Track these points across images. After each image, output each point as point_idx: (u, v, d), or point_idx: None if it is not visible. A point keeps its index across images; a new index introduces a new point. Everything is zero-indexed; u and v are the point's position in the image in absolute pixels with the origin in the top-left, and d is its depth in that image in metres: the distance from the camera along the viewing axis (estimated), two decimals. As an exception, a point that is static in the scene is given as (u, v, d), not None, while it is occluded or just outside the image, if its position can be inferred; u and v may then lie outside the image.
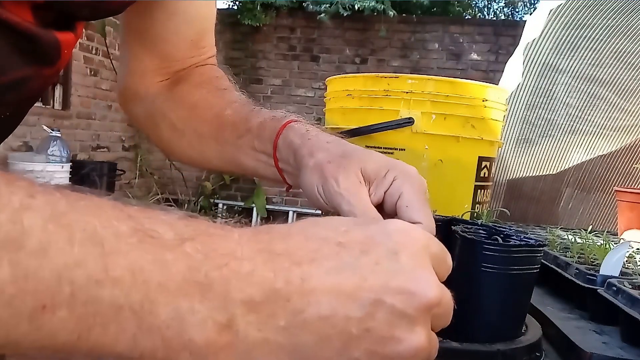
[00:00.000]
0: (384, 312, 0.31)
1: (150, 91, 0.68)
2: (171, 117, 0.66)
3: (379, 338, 0.31)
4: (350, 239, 0.33)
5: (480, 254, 0.55)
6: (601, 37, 1.55)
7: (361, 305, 0.31)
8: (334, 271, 0.31)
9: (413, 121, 0.89)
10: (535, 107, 1.66)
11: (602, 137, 1.70)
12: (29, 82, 0.52)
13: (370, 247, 0.33)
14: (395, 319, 0.31)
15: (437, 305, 0.33)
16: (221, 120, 0.62)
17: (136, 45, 0.68)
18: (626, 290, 0.64)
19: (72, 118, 4.89)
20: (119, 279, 0.27)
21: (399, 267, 0.32)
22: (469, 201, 0.94)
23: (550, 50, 1.58)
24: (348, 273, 0.31)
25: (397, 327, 0.31)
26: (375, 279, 0.31)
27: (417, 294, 0.32)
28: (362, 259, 0.32)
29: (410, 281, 0.32)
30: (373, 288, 0.31)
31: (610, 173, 1.76)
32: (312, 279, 0.31)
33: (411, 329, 0.32)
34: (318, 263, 0.31)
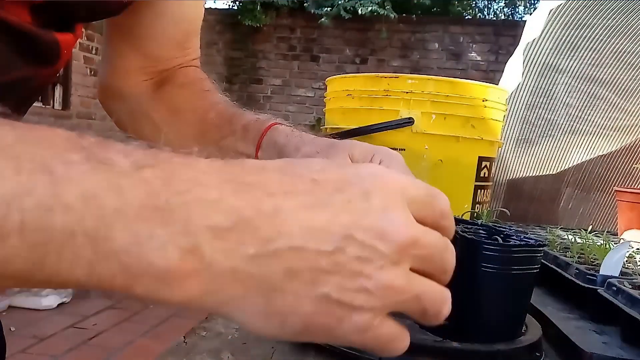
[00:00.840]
0: (354, 247, 0.31)
1: (135, 90, 0.68)
2: (154, 117, 0.67)
3: (348, 273, 0.31)
4: (325, 177, 0.33)
5: (480, 254, 0.55)
6: (601, 37, 1.55)
7: (332, 240, 0.31)
8: (307, 205, 0.31)
9: (413, 121, 0.89)
10: (535, 107, 1.66)
11: (602, 137, 1.70)
12: (28, 82, 0.52)
13: (343, 186, 0.33)
14: (365, 255, 0.31)
15: (413, 245, 0.32)
16: (204, 123, 0.62)
17: (121, 43, 0.68)
18: (626, 290, 0.64)
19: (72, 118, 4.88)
20: (71, 205, 0.27)
21: (370, 207, 0.32)
22: (469, 201, 0.94)
23: (550, 50, 1.58)
24: (320, 208, 0.31)
25: (367, 263, 0.31)
26: (347, 215, 0.32)
27: (387, 232, 0.32)
28: (335, 196, 0.32)
29: (380, 220, 0.32)
30: (344, 224, 0.31)
31: (610, 173, 1.76)
32: (285, 210, 0.31)
33: (381, 265, 0.32)
34: (292, 196, 0.31)
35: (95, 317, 3.20)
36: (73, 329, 3.04)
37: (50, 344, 2.82)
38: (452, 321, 0.57)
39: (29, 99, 0.58)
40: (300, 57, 6.60)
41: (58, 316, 3.19)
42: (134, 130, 0.69)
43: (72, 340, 2.88)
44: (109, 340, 2.91)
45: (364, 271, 0.31)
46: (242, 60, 6.71)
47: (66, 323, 3.09)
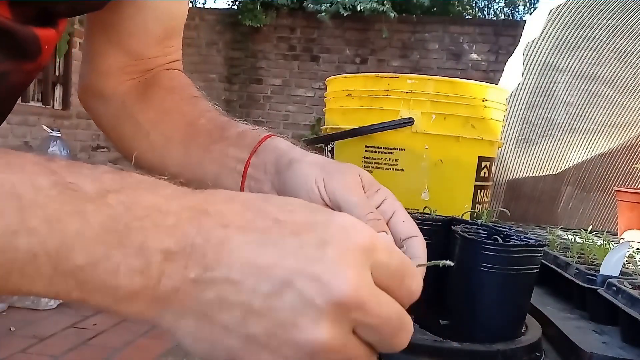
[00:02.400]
0: (292, 295, 0.30)
1: (118, 90, 0.67)
2: (138, 118, 0.65)
3: (281, 321, 0.30)
4: (290, 219, 0.33)
5: (480, 254, 0.55)
6: (601, 37, 1.55)
7: (270, 282, 0.30)
8: (257, 242, 0.31)
9: (413, 121, 0.89)
10: (535, 106, 1.65)
11: (602, 134, 1.70)
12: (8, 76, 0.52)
13: (303, 231, 0.32)
14: (301, 306, 0.30)
15: (358, 308, 0.31)
16: (193, 128, 0.61)
17: (101, 40, 0.67)
18: (626, 290, 0.64)
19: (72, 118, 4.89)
20: (35, 229, 0.29)
21: (321, 257, 0.31)
22: (469, 201, 0.94)
23: (550, 50, 1.58)
24: (269, 248, 0.31)
25: (302, 314, 0.30)
26: (293, 260, 0.31)
27: (329, 286, 0.30)
28: (288, 239, 0.32)
29: (326, 272, 0.30)
30: (288, 268, 0.31)
31: (610, 173, 1.76)
32: (232, 243, 0.31)
33: (317, 321, 0.30)
34: (245, 231, 0.32)
35: (95, 317, 3.20)
36: (73, 329, 3.04)
37: (50, 344, 2.82)
38: (452, 321, 0.58)
39: (12, 94, 0.58)
40: (300, 57, 6.60)
41: (58, 316, 3.18)
42: (114, 130, 0.68)
43: (72, 340, 2.88)
44: (109, 340, 2.91)
45: (298, 323, 0.30)
46: (242, 60, 6.71)
47: (66, 323, 3.09)
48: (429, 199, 0.90)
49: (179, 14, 0.70)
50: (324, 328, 0.30)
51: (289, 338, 0.30)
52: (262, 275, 0.31)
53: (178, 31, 0.71)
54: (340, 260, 0.31)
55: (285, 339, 0.30)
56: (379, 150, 0.91)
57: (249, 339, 0.31)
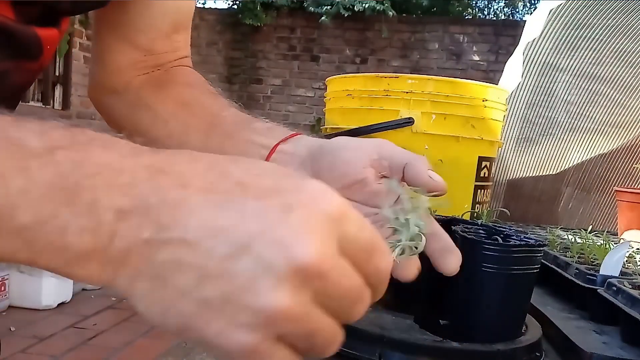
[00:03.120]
0: (250, 258, 0.28)
1: (132, 85, 0.67)
2: (158, 109, 0.65)
3: (237, 285, 0.28)
4: (255, 183, 0.31)
5: (480, 254, 0.55)
6: (601, 37, 1.55)
7: (228, 244, 0.28)
8: (217, 205, 0.29)
9: (413, 121, 0.89)
10: (535, 105, 1.65)
11: (603, 133, 1.70)
12: (9, 75, 0.52)
13: (267, 196, 0.30)
14: (260, 270, 0.28)
15: (319, 275, 0.29)
16: (217, 118, 0.61)
17: (110, 38, 0.68)
18: (626, 290, 0.64)
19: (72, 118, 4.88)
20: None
21: (284, 220, 0.29)
22: (469, 201, 0.94)
23: (550, 50, 1.58)
24: (230, 211, 0.29)
25: (260, 279, 0.28)
26: (254, 223, 0.29)
27: (291, 250, 0.28)
28: (251, 202, 0.30)
29: (289, 236, 0.28)
30: (247, 230, 0.29)
31: (610, 173, 1.76)
32: (190, 203, 0.29)
33: (276, 287, 0.28)
34: (205, 192, 0.30)
35: (95, 317, 3.20)
36: (73, 329, 3.04)
37: (50, 344, 2.82)
38: (452, 321, 0.58)
39: (15, 94, 0.58)
40: (300, 57, 6.60)
41: (58, 316, 3.19)
42: (128, 122, 0.67)
43: (72, 340, 2.88)
44: (109, 340, 2.91)
45: (255, 287, 0.28)
46: (242, 60, 6.71)
47: (66, 323, 3.09)
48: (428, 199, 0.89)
49: (186, 8, 0.70)
50: (284, 294, 0.28)
51: (246, 304, 0.28)
52: (220, 237, 0.29)
53: (186, 26, 0.71)
54: (305, 225, 0.29)
55: (242, 305, 0.28)
56: (379, 150, 0.91)
57: (204, 303, 0.29)
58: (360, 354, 0.55)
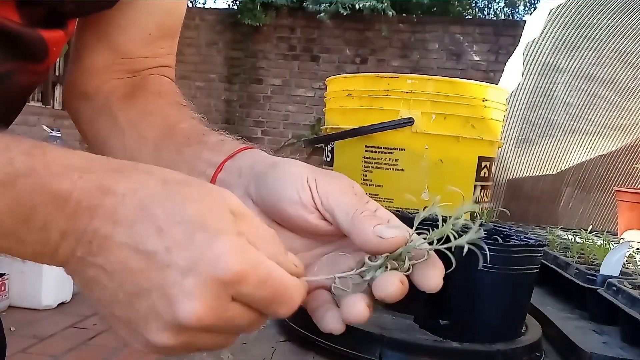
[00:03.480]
0: (147, 302, 0.36)
1: (102, 89, 0.65)
2: (118, 116, 0.63)
3: (136, 316, 0.37)
4: (172, 232, 0.36)
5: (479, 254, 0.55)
6: (601, 37, 1.55)
7: (133, 284, 0.36)
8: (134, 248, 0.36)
9: (413, 121, 0.89)
10: (535, 106, 1.65)
11: (603, 136, 1.70)
12: (12, 75, 0.52)
13: (176, 250, 0.35)
14: (152, 314, 0.36)
15: (200, 329, 0.36)
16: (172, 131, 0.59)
17: (90, 37, 0.65)
18: (626, 290, 0.64)
19: (72, 118, 4.88)
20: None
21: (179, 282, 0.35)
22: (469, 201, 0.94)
23: (550, 50, 1.58)
24: (142, 257, 0.36)
25: (152, 321, 0.36)
26: (156, 275, 0.35)
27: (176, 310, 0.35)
28: (161, 254, 0.35)
29: (178, 297, 0.35)
30: (150, 280, 0.36)
31: (610, 173, 1.76)
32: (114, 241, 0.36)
33: (161, 331, 0.36)
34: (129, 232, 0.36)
35: (95, 317, 3.19)
36: (73, 329, 3.04)
37: (50, 344, 2.82)
38: (452, 321, 0.58)
39: (21, 95, 0.58)
40: (300, 57, 6.60)
41: (58, 316, 3.19)
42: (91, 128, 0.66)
43: (72, 340, 2.88)
44: (109, 340, 2.91)
45: (147, 325, 0.36)
46: (242, 60, 6.70)
47: (66, 323, 3.09)
48: (429, 199, 0.90)
49: (174, 12, 0.67)
50: (167, 337, 0.36)
51: (141, 333, 0.37)
52: (130, 276, 0.36)
53: (171, 32, 0.68)
54: (195, 292, 0.35)
55: (139, 332, 0.37)
56: (379, 150, 0.91)
57: (114, 316, 0.38)
58: (360, 354, 0.55)
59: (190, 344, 0.37)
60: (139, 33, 0.65)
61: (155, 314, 0.36)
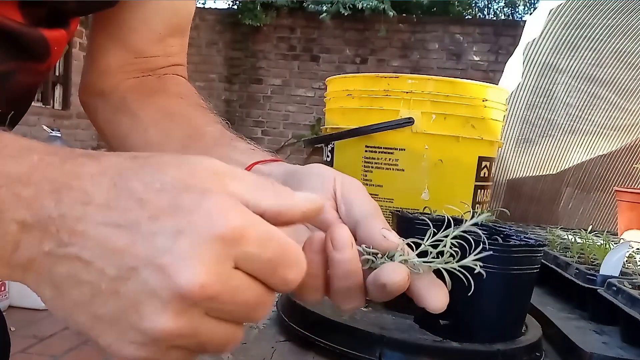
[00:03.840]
0: (136, 283, 0.30)
1: (119, 88, 0.66)
2: (139, 114, 0.63)
3: (125, 305, 0.30)
4: (154, 199, 0.31)
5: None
6: (601, 37, 1.55)
7: (118, 266, 0.30)
8: (113, 224, 0.31)
9: (413, 121, 0.89)
10: (535, 107, 1.65)
11: (602, 136, 1.70)
12: (15, 75, 0.52)
13: (162, 216, 0.31)
14: (145, 295, 0.30)
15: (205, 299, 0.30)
16: (199, 132, 0.59)
17: (103, 37, 0.66)
18: (626, 290, 0.64)
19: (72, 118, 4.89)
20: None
21: (171, 247, 0.30)
22: (469, 201, 0.94)
23: (550, 50, 1.58)
24: (124, 232, 0.31)
25: (145, 303, 0.30)
26: (143, 248, 0.30)
27: (174, 279, 0.29)
28: (145, 224, 0.30)
29: (173, 265, 0.30)
30: (136, 255, 0.30)
31: (610, 173, 1.76)
32: (87, 222, 0.31)
33: (159, 312, 0.30)
34: (104, 210, 0.31)
35: (95, 317, 3.20)
36: (73, 329, 3.04)
37: (50, 344, 2.82)
38: (452, 321, 0.58)
39: (25, 94, 0.58)
40: (300, 57, 6.60)
41: (58, 316, 3.18)
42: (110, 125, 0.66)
43: (72, 340, 2.88)
44: (109, 340, 2.91)
45: (140, 310, 0.30)
46: (242, 60, 6.71)
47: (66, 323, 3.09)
48: (429, 199, 0.90)
49: (183, 11, 0.68)
50: (167, 318, 0.30)
51: (133, 324, 0.31)
52: (111, 258, 0.30)
53: (181, 31, 0.69)
54: (191, 253, 0.30)
55: (130, 324, 0.31)
56: (379, 150, 0.91)
57: (97, 318, 0.31)
58: (360, 354, 0.55)
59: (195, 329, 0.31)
60: (149, 33, 0.66)
61: (148, 294, 0.30)
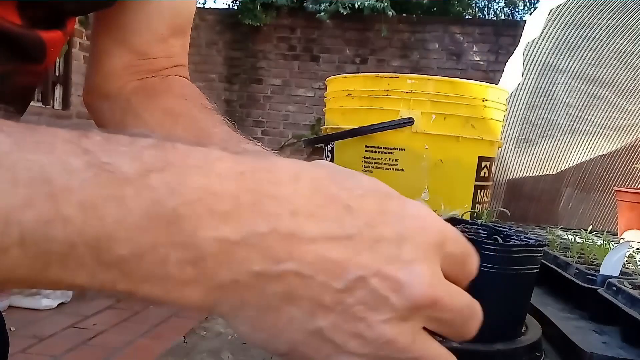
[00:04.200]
0: (364, 292, 0.29)
1: (124, 91, 0.66)
2: (144, 116, 0.63)
3: (350, 315, 0.29)
4: (362, 205, 0.30)
5: (480, 254, 0.55)
6: (601, 37, 1.55)
7: (344, 278, 0.29)
8: (330, 234, 0.29)
9: (413, 121, 0.89)
10: (535, 107, 1.65)
11: (602, 137, 1.70)
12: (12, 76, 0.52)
13: (377, 223, 0.30)
14: (373, 303, 0.29)
15: (432, 306, 0.30)
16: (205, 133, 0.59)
17: (106, 39, 0.67)
18: (626, 290, 0.64)
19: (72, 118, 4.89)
20: (71, 217, 0.26)
21: (397, 254, 0.30)
22: (469, 201, 0.94)
23: (550, 50, 1.58)
24: (343, 241, 0.29)
25: (373, 311, 0.29)
26: (369, 257, 0.29)
27: (404, 287, 0.29)
28: (364, 232, 0.30)
29: (402, 271, 0.30)
30: (362, 265, 0.29)
31: (610, 173, 1.76)
32: (303, 235, 0.29)
33: (387, 319, 0.30)
34: (316, 220, 0.29)
35: (95, 317, 3.20)
36: (73, 329, 3.04)
37: (50, 344, 2.82)
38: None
39: (22, 95, 0.58)
40: (300, 57, 6.60)
41: (58, 316, 3.19)
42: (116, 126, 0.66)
43: (72, 340, 2.88)
44: (109, 340, 2.91)
45: (368, 318, 0.30)
46: (242, 60, 6.70)
47: (66, 323, 3.09)
48: (429, 199, 0.90)
49: (184, 11, 0.69)
50: (395, 325, 0.30)
51: (357, 333, 0.30)
52: (336, 271, 0.29)
53: (183, 30, 0.70)
54: (417, 259, 0.30)
55: (353, 333, 0.30)
56: (379, 150, 0.91)
57: (314, 332, 0.30)
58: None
59: (418, 338, 0.31)
60: (152, 34, 0.66)
61: (376, 301, 0.29)
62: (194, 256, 0.28)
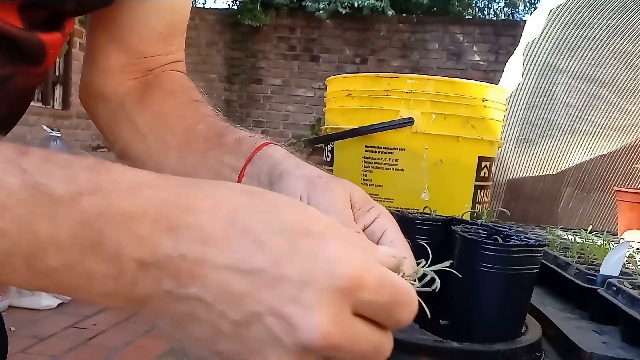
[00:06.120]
0: (260, 328, 0.31)
1: (118, 91, 0.66)
2: (136, 120, 0.64)
3: (248, 348, 0.31)
4: (274, 242, 0.31)
5: (480, 254, 0.55)
6: (601, 37, 1.55)
7: (240, 311, 0.31)
8: (235, 266, 0.31)
9: (413, 121, 0.89)
10: (535, 107, 1.66)
11: (602, 137, 1.70)
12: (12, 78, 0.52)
13: (285, 262, 0.31)
14: (269, 340, 0.31)
15: (326, 349, 0.30)
16: (192, 134, 0.60)
17: (103, 38, 0.66)
18: (626, 290, 0.64)
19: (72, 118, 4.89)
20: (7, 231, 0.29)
21: (297, 296, 0.30)
22: (469, 201, 0.94)
23: (550, 50, 1.58)
24: (247, 275, 0.31)
25: (267, 348, 0.31)
26: (268, 295, 0.30)
27: (298, 331, 0.30)
28: (269, 269, 0.31)
29: (298, 315, 0.30)
30: (260, 302, 0.30)
31: (610, 173, 1.76)
32: (209, 264, 0.31)
33: (282, 357, 0.31)
34: (225, 250, 0.31)
35: (95, 317, 3.20)
36: (73, 329, 3.04)
37: (50, 344, 2.82)
38: (452, 321, 0.58)
39: (23, 97, 0.58)
40: (300, 57, 6.60)
41: (58, 316, 3.18)
42: (111, 132, 0.67)
43: (72, 340, 2.88)
44: (109, 340, 2.91)
45: (264, 354, 0.31)
46: (242, 60, 6.71)
47: (66, 323, 3.09)
48: (429, 199, 0.90)
49: (180, 10, 0.69)
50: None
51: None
52: (234, 303, 0.31)
53: (180, 29, 0.70)
54: (316, 304, 0.30)
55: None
56: (379, 150, 0.91)
57: (217, 354, 0.32)
58: (360, 354, 0.54)
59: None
60: (149, 33, 0.66)
61: (271, 341, 0.30)
62: (115, 272, 0.31)
